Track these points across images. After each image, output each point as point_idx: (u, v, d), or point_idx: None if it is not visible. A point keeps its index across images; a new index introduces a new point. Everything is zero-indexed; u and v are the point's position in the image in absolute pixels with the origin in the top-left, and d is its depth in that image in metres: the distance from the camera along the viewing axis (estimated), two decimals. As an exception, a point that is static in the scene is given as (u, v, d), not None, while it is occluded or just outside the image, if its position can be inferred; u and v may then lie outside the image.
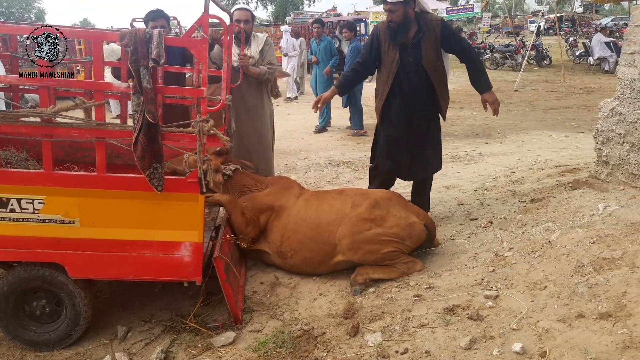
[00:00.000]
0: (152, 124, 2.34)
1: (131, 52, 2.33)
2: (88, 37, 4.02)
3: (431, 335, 2.50)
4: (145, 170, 2.42)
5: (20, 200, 2.51)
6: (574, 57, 17.48)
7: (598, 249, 2.85)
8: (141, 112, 2.33)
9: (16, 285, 2.66)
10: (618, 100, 3.65)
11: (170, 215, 2.57)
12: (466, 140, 7.69)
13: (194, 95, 2.86)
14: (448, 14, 28.79)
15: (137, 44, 2.32)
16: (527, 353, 2.24)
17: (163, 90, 2.63)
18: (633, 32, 3.57)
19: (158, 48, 2.31)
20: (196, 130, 2.42)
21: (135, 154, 2.39)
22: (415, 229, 3.21)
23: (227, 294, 2.78)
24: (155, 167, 2.42)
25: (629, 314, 2.29)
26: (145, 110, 2.32)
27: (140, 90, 2.33)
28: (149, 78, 2.32)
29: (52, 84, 2.47)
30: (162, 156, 2.46)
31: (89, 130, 2.44)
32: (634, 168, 3.50)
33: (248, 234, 3.25)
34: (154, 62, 2.31)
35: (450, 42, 3.79)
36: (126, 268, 2.64)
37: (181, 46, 3.34)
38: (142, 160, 2.39)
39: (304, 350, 2.55)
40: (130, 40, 2.32)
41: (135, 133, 2.37)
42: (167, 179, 2.52)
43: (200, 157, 2.45)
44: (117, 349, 2.74)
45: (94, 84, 2.68)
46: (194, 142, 2.45)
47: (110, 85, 2.62)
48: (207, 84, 2.50)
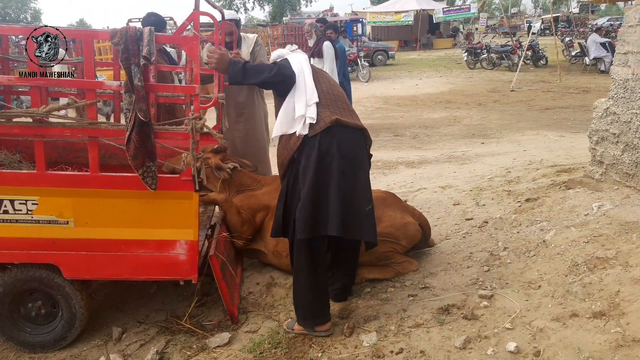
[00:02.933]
0: (144, 122, 2.34)
1: (122, 50, 2.32)
2: (79, 36, 3.99)
3: (426, 335, 2.50)
4: (139, 169, 2.41)
5: (13, 202, 2.49)
6: (570, 57, 17.53)
7: (592, 248, 2.86)
8: (133, 110, 2.32)
9: (12, 286, 2.65)
10: (612, 100, 3.66)
11: (165, 213, 2.56)
12: (462, 140, 7.70)
13: (186, 93, 2.85)
14: (445, 14, 28.90)
15: (128, 42, 2.31)
16: (522, 352, 2.25)
17: (155, 88, 2.63)
18: (626, 32, 3.59)
19: (149, 46, 2.30)
20: (189, 127, 2.42)
21: (128, 153, 2.38)
22: (410, 229, 3.22)
23: (223, 292, 2.78)
24: (149, 165, 2.42)
25: (622, 313, 2.30)
26: (137, 109, 2.31)
27: (132, 88, 2.32)
28: (140, 76, 2.32)
29: (43, 83, 2.46)
30: (155, 154, 2.45)
31: (81, 130, 2.44)
32: (628, 167, 3.52)
33: (244, 233, 3.25)
34: (145, 59, 2.31)
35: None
36: (122, 268, 2.63)
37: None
38: (135, 158, 2.39)
39: (299, 350, 2.55)
40: (121, 39, 2.31)
41: (128, 131, 2.36)
42: (161, 177, 2.51)
43: (193, 155, 2.44)
44: (112, 350, 2.74)
45: (85, 83, 2.67)
46: (188, 140, 2.44)
47: (102, 84, 2.60)
48: (199, 81, 2.49)
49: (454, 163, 6.16)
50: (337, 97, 2.71)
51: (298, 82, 2.61)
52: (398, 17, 28.58)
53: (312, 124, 2.53)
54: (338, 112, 2.61)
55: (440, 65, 20.07)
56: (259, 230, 3.35)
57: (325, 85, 2.70)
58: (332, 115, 2.56)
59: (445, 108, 10.78)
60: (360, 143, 2.66)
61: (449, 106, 10.98)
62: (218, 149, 3.29)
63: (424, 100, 11.96)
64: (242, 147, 4.26)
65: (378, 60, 21.09)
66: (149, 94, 2.40)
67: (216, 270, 2.74)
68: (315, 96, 2.59)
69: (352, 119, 2.65)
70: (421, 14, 28.29)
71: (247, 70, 2.61)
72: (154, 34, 2.34)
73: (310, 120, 2.52)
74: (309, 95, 2.58)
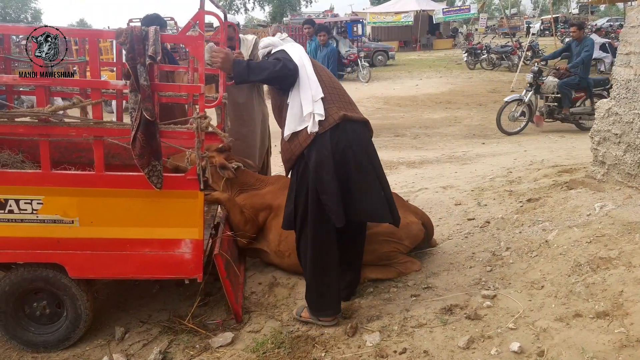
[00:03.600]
0: (150, 122, 2.34)
1: (128, 49, 2.33)
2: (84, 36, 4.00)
3: (429, 335, 2.50)
4: (144, 168, 2.41)
5: (18, 201, 2.49)
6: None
7: (595, 248, 2.87)
8: (139, 109, 2.33)
9: (18, 285, 2.65)
10: (614, 101, 3.67)
11: (170, 212, 2.56)
12: (463, 140, 7.71)
13: (191, 92, 2.85)
14: (445, 14, 28.92)
15: (134, 41, 2.31)
16: (525, 352, 2.25)
17: (160, 88, 2.62)
18: (628, 32, 3.59)
19: (154, 45, 2.30)
20: (194, 127, 2.42)
21: (134, 152, 2.38)
22: (413, 229, 3.22)
23: (228, 290, 2.78)
24: (154, 164, 2.42)
25: (626, 313, 2.30)
26: (143, 108, 2.32)
27: (138, 87, 2.32)
28: (146, 75, 2.32)
29: (47, 83, 2.46)
30: (161, 153, 2.46)
31: (87, 129, 2.44)
32: (630, 168, 3.52)
33: (247, 232, 3.25)
34: (151, 59, 2.31)
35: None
36: (127, 267, 2.63)
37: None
38: (141, 157, 2.39)
39: (302, 350, 2.55)
40: (126, 38, 2.31)
41: (134, 131, 2.36)
42: (166, 177, 2.51)
43: (198, 154, 2.44)
44: (115, 350, 2.74)
45: (90, 83, 2.67)
46: (192, 139, 2.45)
47: (107, 84, 2.60)
48: (204, 80, 2.49)
49: (455, 163, 6.16)
50: (339, 89, 2.76)
51: (301, 75, 2.61)
52: (398, 17, 28.62)
53: (321, 120, 2.56)
54: (343, 106, 2.66)
55: (440, 65, 20.08)
56: (261, 230, 3.35)
57: (326, 78, 2.72)
58: (339, 111, 2.60)
59: (446, 108, 10.78)
60: (367, 134, 2.73)
61: (449, 106, 10.98)
62: (222, 148, 3.29)
63: (424, 101, 11.97)
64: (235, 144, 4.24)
65: (378, 60, 21.10)
66: (155, 94, 2.41)
67: (221, 269, 2.74)
68: (320, 91, 2.60)
69: (355, 112, 2.71)
70: (421, 14, 28.32)
71: (252, 68, 2.61)
72: (159, 33, 2.34)
73: (319, 117, 2.55)
74: (314, 90, 2.59)
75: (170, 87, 3.07)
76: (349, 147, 2.57)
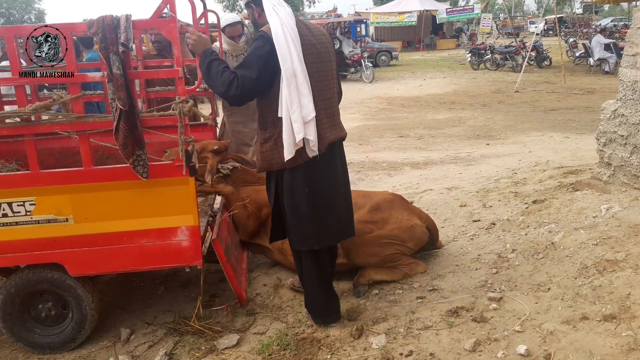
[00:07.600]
0: (128, 111, 2.32)
1: (100, 39, 2.29)
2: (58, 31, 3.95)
3: (435, 337, 2.50)
4: (129, 158, 2.39)
5: (11, 204, 2.48)
6: (574, 58, 17.48)
7: (601, 250, 2.85)
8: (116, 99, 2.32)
9: (23, 287, 2.65)
10: (620, 102, 3.65)
11: (163, 201, 2.54)
12: (467, 141, 7.69)
13: (170, 77, 2.83)
14: (448, 14, 28.86)
15: (105, 30, 2.28)
16: (532, 355, 2.25)
17: (137, 75, 2.57)
18: (635, 34, 3.58)
19: (126, 32, 2.27)
20: (177, 112, 2.40)
21: (117, 142, 2.36)
22: (417, 231, 3.21)
23: (229, 275, 2.77)
24: (139, 154, 2.40)
25: (634, 316, 2.29)
26: (117, 98, 2.30)
27: (112, 77, 2.30)
28: (118, 64, 2.29)
29: (27, 82, 2.44)
30: (144, 142, 2.43)
31: (70, 125, 2.42)
32: (637, 170, 3.51)
33: (249, 226, 3.29)
34: (123, 46, 2.28)
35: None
36: (126, 260, 2.62)
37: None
38: (125, 147, 2.37)
39: (308, 352, 2.55)
40: (98, 28, 2.28)
41: (115, 121, 2.34)
42: (155, 165, 2.49)
43: (181, 139, 2.41)
44: (121, 351, 2.74)
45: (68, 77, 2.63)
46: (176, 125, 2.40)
47: (85, 77, 2.57)
48: (181, 64, 2.44)
49: (459, 164, 6.15)
50: (328, 95, 2.54)
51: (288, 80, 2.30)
52: (401, 17, 28.57)
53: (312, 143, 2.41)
54: (332, 124, 2.56)
55: (443, 66, 20.04)
56: (264, 227, 3.35)
57: (316, 75, 2.44)
58: (330, 134, 2.52)
59: (450, 109, 10.76)
60: (341, 148, 2.71)
61: (453, 107, 10.96)
62: (218, 150, 3.24)
63: (428, 101, 11.94)
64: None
65: (381, 60, 21.07)
66: (131, 82, 2.37)
67: (220, 254, 2.73)
68: (311, 107, 2.35)
69: (340, 128, 2.65)
70: (424, 14, 28.26)
71: (209, 68, 2.40)
72: (130, 20, 2.31)
73: (313, 145, 2.41)
74: (305, 107, 2.34)
75: (148, 73, 3.03)
76: (335, 166, 2.59)
